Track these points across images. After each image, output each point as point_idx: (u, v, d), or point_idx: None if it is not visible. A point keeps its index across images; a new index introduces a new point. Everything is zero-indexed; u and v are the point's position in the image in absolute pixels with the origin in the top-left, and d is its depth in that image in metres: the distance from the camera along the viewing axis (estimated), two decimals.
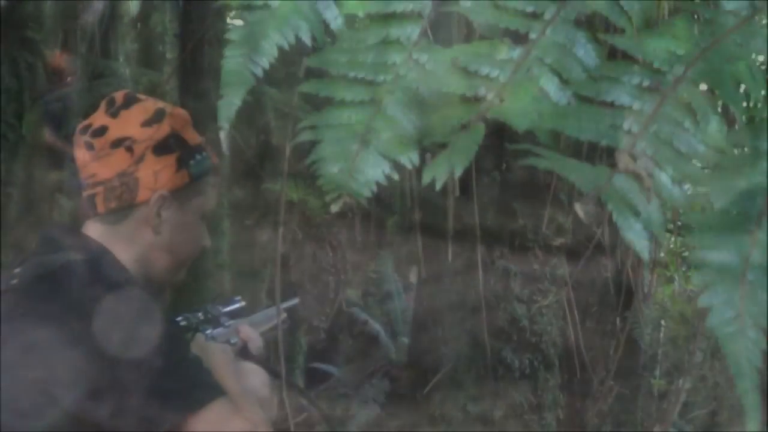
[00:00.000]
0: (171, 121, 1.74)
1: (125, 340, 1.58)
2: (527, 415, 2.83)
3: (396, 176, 0.82)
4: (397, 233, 5.27)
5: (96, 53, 6.11)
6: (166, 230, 1.77)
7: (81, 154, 1.70)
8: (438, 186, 0.73)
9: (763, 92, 0.79)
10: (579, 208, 0.71)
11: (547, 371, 2.82)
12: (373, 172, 0.80)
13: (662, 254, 6.88)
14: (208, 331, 2.02)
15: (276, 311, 2.39)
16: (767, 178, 0.72)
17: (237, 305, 2.20)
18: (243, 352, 2.05)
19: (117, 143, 1.68)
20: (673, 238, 6.14)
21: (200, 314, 2.04)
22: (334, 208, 0.79)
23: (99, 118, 1.70)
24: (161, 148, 1.71)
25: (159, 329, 1.62)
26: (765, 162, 0.75)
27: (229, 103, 0.87)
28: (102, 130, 1.68)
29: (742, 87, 0.80)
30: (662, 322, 7.15)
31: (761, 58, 0.84)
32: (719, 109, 0.76)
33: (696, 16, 0.82)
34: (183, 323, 1.97)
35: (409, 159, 0.80)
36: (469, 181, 2.65)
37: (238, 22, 0.91)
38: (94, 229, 1.75)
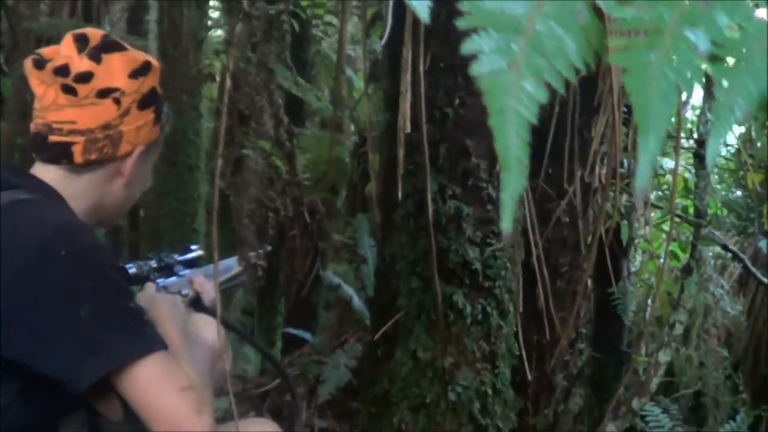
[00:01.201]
0: (154, 75, 1.68)
1: (63, 283, 1.50)
2: (479, 364, 2.74)
3: None
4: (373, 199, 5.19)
5: (78, 17, 6.05)
6: (133, 183, 1.73)
7: (53, 96, 1.59)
8: None
9: None
10: None
11: (501, 318, 2.73)
12: None
13: (645, 230, 6.80)
14: (160, 281, 1.94)
15: (234, 261, 2.31)
16: None
17: (193, 254, 2.12)
18: (195, 304, 1.96)
19: (104, 93, 1.60)
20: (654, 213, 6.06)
21: (153, 262, 1.96)
22: None
23: (76, 60, 1.60)
24: (144, 102, 1.66)
25: (100, 276, 1.54)
26: None
27: None
28: (87, 77, 1.59)
29: None
30: (648, 302, 7.08)
31: None
32: None
33: None
34: (133, 271, 1.89)
35: None
36: (419, 118, 2.56)
37: None
38: (47, 173, 1.67)
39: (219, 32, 7.31)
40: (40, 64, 1.61)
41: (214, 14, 7.14)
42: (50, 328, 1.47)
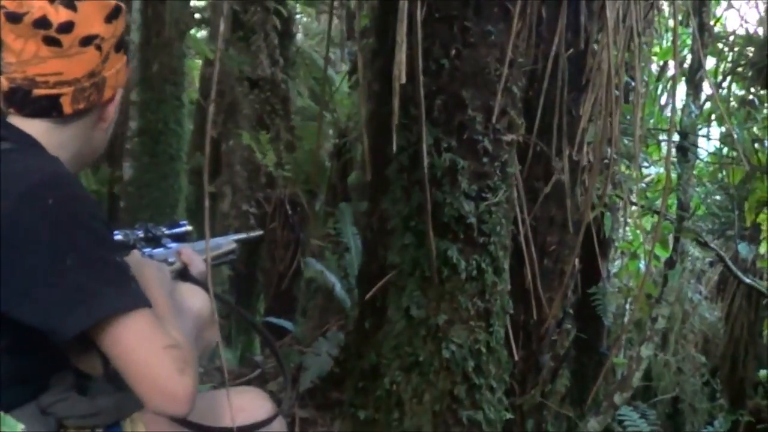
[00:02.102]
0: (123, 17, 1.68)
1: (49, 232, 1.46)
2: (473, 322, 2.70)
3: None
4: (356, 187, 5.17)
5: None
6: (110, 126, 1.73)
7: (33, 49, 1.55)
8: None
9: None
10: None
11: (495, 275, 2.69)
12: None
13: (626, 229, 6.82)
14: (147, 250, 1.91)
15: (225, 240, 2.29)
16: None
17: (182, 229, 2.10)
18: (183, 274, 1.93)
19: (87, 41, 1.57)
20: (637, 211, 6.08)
21: (140, 232, 1.94)
22: None
23: (51, 11, 1.56)
24: (119, 45, 1.65)
25: (87, 226, 1.50)
26: None
27: None
28: (69, 26, 1.56)
29: None
30: (627, 307, 7.09)
31: None
32: None
33: None
34: (119, 238, 1.86)
35: None
36: (415, 69, 2.54)
37: None
38: (30, 127, 1.63)
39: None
40: (14, 17, 1.56)
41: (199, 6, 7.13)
42: (36, 276, 1.43)
